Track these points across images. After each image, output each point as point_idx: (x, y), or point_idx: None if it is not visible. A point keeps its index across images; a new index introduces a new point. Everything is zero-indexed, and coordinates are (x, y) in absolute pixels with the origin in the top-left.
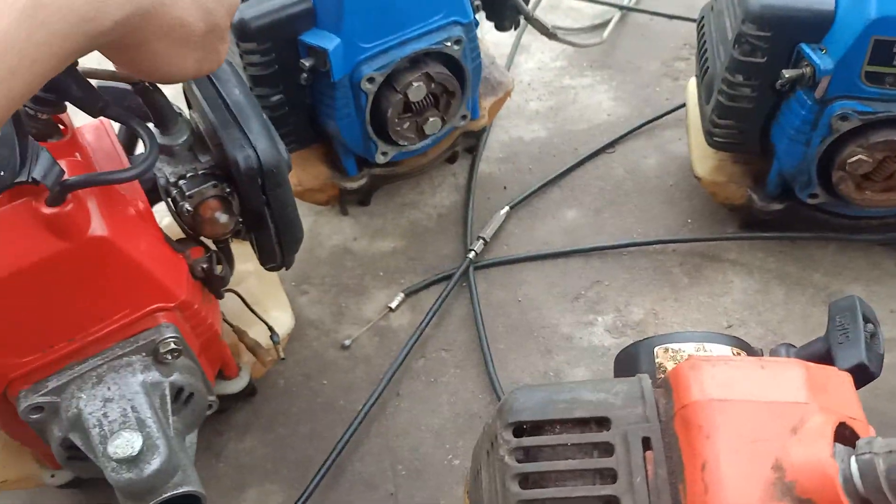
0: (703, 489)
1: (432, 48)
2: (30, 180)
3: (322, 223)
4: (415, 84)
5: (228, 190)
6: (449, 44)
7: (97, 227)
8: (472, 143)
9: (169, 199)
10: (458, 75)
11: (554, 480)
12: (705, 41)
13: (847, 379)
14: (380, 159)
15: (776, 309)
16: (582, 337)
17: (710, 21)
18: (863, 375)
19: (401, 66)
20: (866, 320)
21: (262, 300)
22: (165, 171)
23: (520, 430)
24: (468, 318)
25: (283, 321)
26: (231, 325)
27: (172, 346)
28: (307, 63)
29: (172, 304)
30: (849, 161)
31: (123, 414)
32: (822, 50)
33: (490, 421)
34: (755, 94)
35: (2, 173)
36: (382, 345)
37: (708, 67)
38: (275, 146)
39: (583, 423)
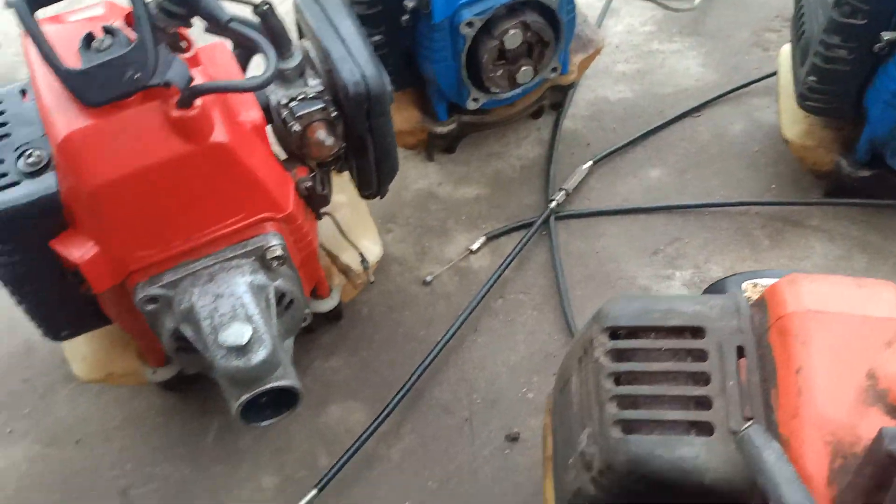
0: (796, 392)
1: None
2: (163, 83)
3: (408, 167)
4: (511, 31)
5: (335, 114)
6: None
7: (219, 133)
8: (559, 98)
9: (279, 120)
10: (554, 26)
11: (647, 381)
12: (803, 4)
13: None
14: (471, 105)
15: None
16: (659, 290)
17: None
18: None
19: (499, 13)
20: None
21: (354, 229)
22: (277, 93)
23: (615, 335)
24: (547, 264)
25: (372, 250)
26: (325, 249)
27: (279, 252)
28: (410, 4)
29: (280, 216)
30: None
31: (233, 308)
32: None
33: (583, 330)
34: (852, 57)
35: (137, 75)
36: (462, 284)
37: (804, 30)
38: (382, 76)
39: (678, 332)
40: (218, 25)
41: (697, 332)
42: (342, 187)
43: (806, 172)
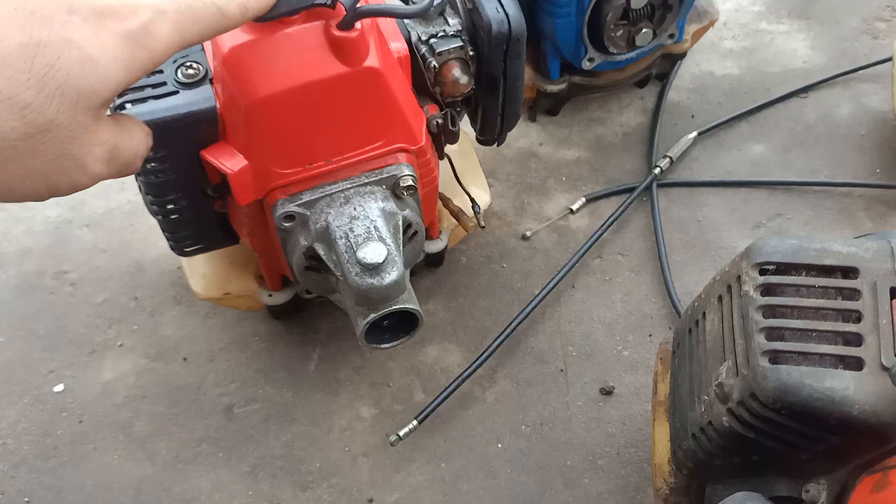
0: None
1: None
2: (329, 2)
3: None
4: None
5: (472, 53)
6: None
7: (373, 58)
8: (667, 68)
9: (417, 55)
10: None
11: (797, 316)
12: None
13: None
14: (586, 65)
15: None
16: None
17: None
18: None
19: None
20: None
21: (465, 176)
22: (417, 29)
23: (765, 271)
24: (646, 229)
25: (482, 197)
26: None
27: (410, 182)
28: None
29: (414, 147)
30: None
31: (367, 230)
32: None
33: (726, 268)
34: None
35: None
36: (561, 241)
37: None
38: (522, 17)
39: (829, 271)
40: None
41: (850, 271)
42: None
43: None
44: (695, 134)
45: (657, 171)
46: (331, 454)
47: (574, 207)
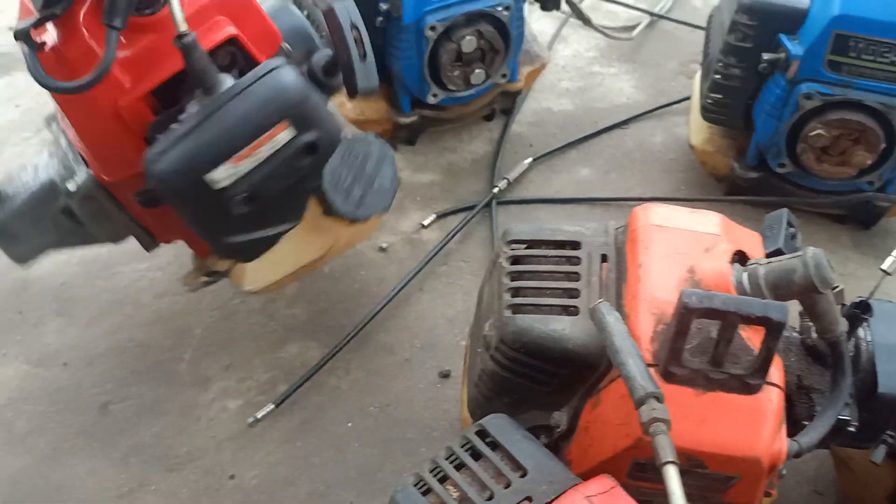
0: (636, 279)
1: (486, 10)
2: None
3: None
4: (467, 37)
5: None
6: (500, 9)
7: None
8: (509, 104)
9: None
10: (504, 37)
11: (534, 278)
12: (710, 31)
13: (756, 237)
14: (430, 100)
15: None
16: None
17: (715, 16)
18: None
19: (458, 22)
20: (790, 225)
21: None
22: None
23: (513, 248)
24: (486, 240)
25: None
26: None
27: None
28: (384, 6)
29: None
30: (810, 135)
31: None
32: (796, 40)
33: (494, 251)
34: (743, 75)
35: None
36: (413, 252)
37: (709, 52)
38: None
39: (561, 245)
40: None
41: (575, 245)
42: None
43: (709, 177)
44: (530, 160)
45: (495, 190)
46: (197, 440)
47: (425, 223)
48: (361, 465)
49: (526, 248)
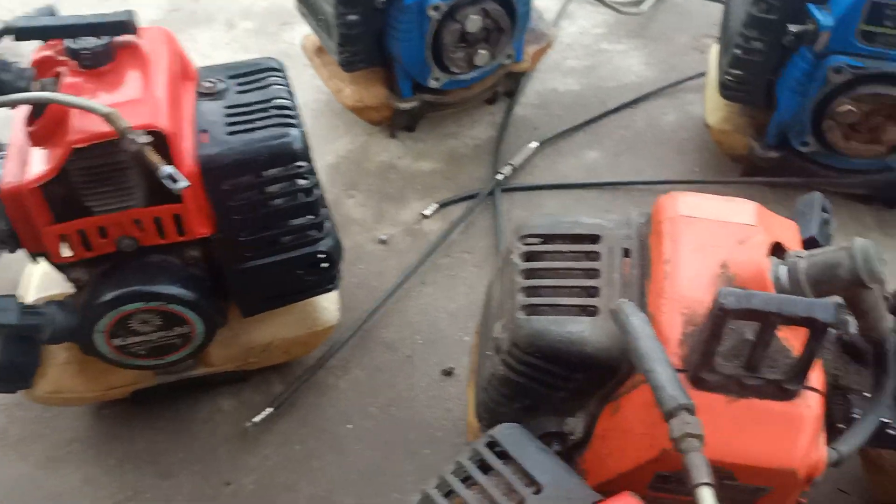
0: (662, 278)
1: None
2: None
3: (373, 143)
4: (472, 16)
5: None
6: None
7: None
8: (513, 86)
9: None
10: (511, 15)
11: (550, 276)
12: (729, 3)
13: (794, 226)
14: (432, 84)
15: None
16: None
17: None
18: (814, 245)
19: (463, 1)
20: (825, 210)
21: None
22: None
23: (529, 242)
24: (490, 230)
25: None
26: None
27: None
28: None
29: None
30: (838, 111)
31: None
32: (826, 9)
33: (506, 247)
34: (766, 49)
35: None
36: (414, 243)
37: (729, 26)
38: None
39: (579, 238)
40: None
41: (594, 238)
42: None
43: (725, 157)
44: (536, 144)
45: (499, 177)
46: (192, 445)
47: (427, 213)
48: (362, 467)
49: (541, 242)
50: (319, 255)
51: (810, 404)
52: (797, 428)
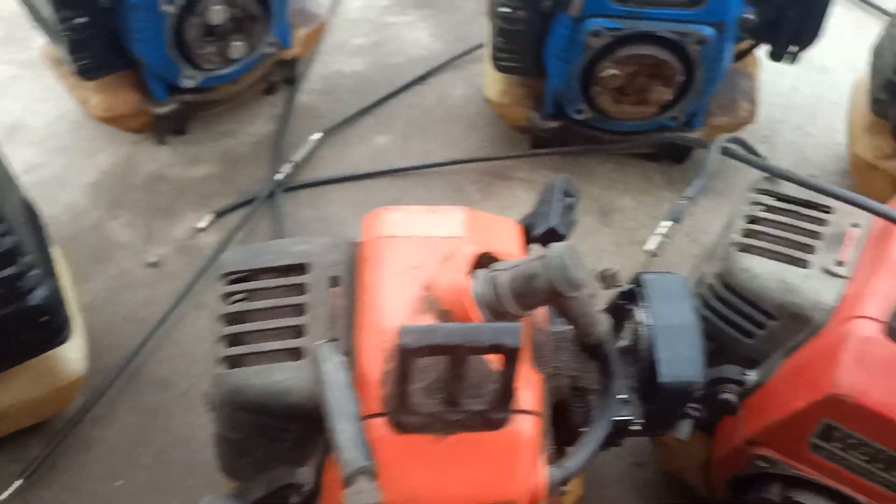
0: (364, 309)
1: None
2: None
3: (139, 152)
4: (214, 7)
5: None
6: None
7: None
8: (289, 73)
9: None
10: (261, 2)
11: (253, 318)
12: None
13: (512, 225)
14: (186, 83)
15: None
16: None
17: None
18: (555, 237)
19: None
20: (568, 195)
21: None
22: None
23: (233, 281)
24: (275, 235)
25: None
26: None
27: None
28: None
29: None
30: (602, 76)
31: None
32: None
33: None
34: (528, 17)
35: None
36: (189, 262)
37: None
38: None
39: (286, 270)
40: None
41: (302, 268)
42: None
43: (514, 130)
44: (320, 134)
45: (279, 177)
46: None
47: (202, 225)
48: None
49: (241, 279)
50: (33, 310)
51: (522, 428)
52: (511, 457)
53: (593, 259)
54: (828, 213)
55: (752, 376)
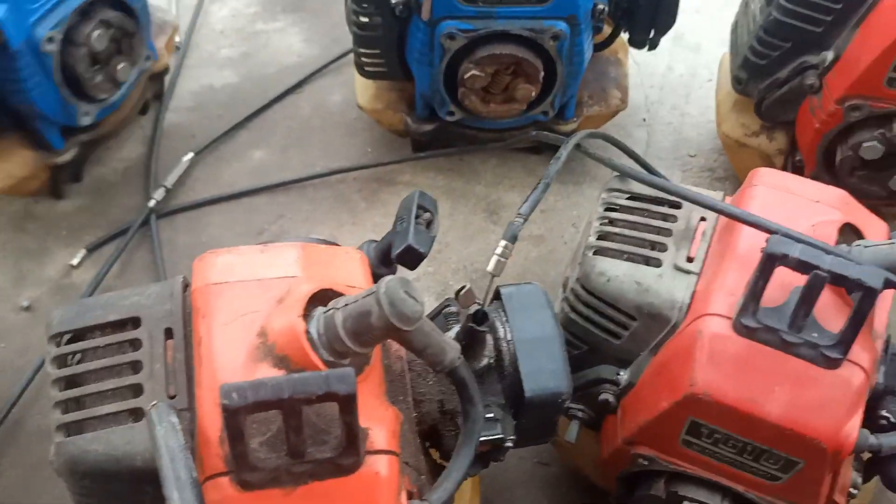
0: (199, 363)
1: None
2: None
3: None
4: (95, 33)
5: None
6: None
7: None
8: (158, 88)
9: None
10: (131, 15)
11: (89, 380)
12: None
13: (355, 255)
14: (84, 121)
15: (443, 221)
16: None
17: None
18: (414, 255)
19: (75, 20)
20: (424, 210)
21: None
22: None
23: (61, 342)
24: (153, 264)
25: None
26: None
27: None
28: None
29: None
30: (465, 77)
31: None
32: None
33: None
34: (384, 23)
35: None
36: (65, 302)
37: (348, 3)
38: None
39: (119, 326)
40: None
41: (135, 322)
42: None
43: (394, 134)
44: (191, 155)
45: (152, 203)
46: None
47: (75, 262)
48: None
49: (72, 339)
50: None
51: (377, 469)
52: (368, 501)
53: (485, 260)
54: (678, 208)
55: (624, 376)
